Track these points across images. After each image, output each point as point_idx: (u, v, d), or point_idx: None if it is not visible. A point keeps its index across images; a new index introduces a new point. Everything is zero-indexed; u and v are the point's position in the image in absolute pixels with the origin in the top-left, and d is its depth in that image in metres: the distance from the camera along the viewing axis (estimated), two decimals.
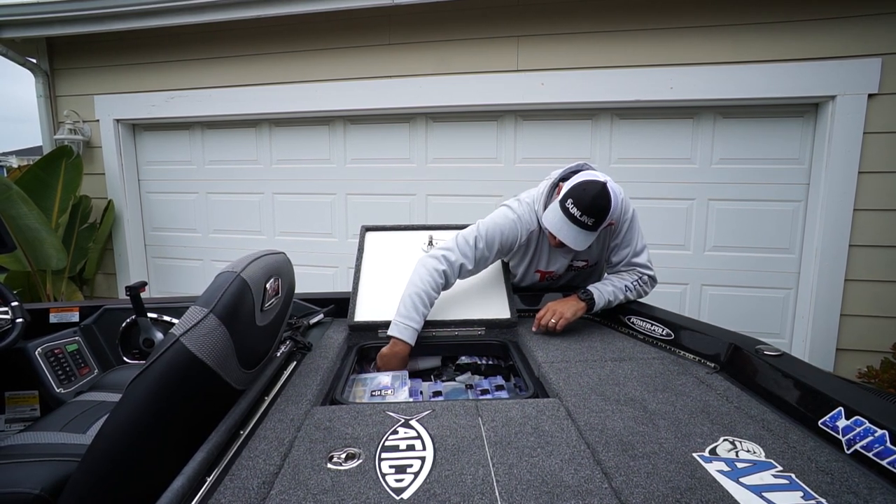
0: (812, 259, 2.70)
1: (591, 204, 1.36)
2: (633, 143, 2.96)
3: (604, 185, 1.38)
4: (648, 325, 1.47)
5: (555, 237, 1.47)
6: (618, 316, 1.60)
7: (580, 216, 1.37)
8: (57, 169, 3.25)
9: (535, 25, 2.87)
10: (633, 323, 1.53)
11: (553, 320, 1.48)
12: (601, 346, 1.42)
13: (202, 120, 3.50)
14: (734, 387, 1.14)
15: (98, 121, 3.55)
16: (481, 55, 2.96)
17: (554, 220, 1.43)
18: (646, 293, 1.63)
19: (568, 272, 1.75)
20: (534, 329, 1.53)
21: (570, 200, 1.39)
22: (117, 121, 3.55)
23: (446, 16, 2.94)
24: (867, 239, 2.58)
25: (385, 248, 1.83)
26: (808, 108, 2.70)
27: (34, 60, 3.53)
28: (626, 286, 1.57)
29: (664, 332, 1.42)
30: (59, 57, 3.56)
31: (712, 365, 1.27)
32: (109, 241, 3.68)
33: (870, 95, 2.48)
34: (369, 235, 1.88)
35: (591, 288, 1.55)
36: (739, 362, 1.20)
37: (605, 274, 1.69)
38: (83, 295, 3.58)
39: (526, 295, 1.78)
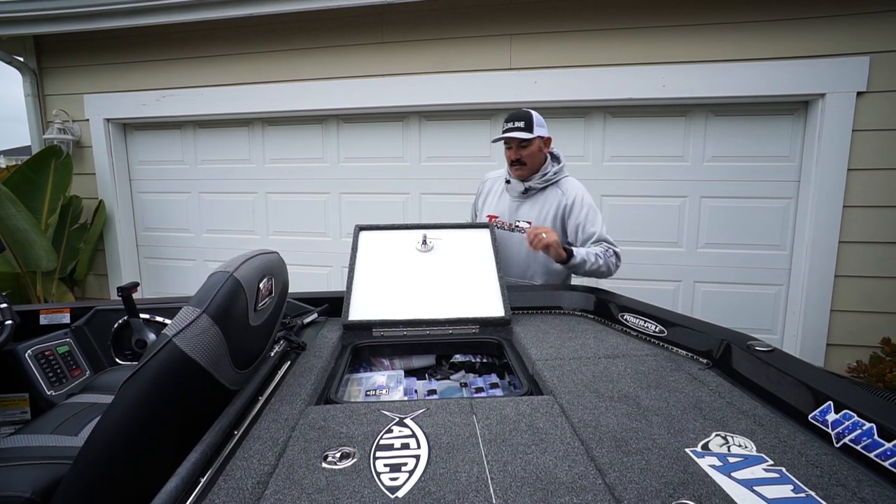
0: (803, 255, 2.73)
1: (514, 114, 1.92)
2: (625, 141, 2.97)
3: (521, 108, 1.97)
4: (641, 322, 1.48)
5: (510, 150, 1.94)
6: (611, 313, 1.61)
7: (509, 123, 1.91)
8: (46, 169, 3.21)
9: (527, 24, 2.87)
10: (626, 320, 1.54)
11: (544, 235, 1.71)
12: (595, 344, 1.42)
13: (194, 119, 3.48)
14: (726, 382, 1.15)
15: (88, 120, 3.51)
16: (474, 54, 2.96)
17: (499, 141, 1.97)
18: (615, 266, 1.90)
19: (515, 231, 2.00)
20: (528, 241, 1.76)
21: (502, 126, 1.95)
22: (108, 120, 3.51)
23: (439, 14, 2.93)
24: (857, 235, 2.61)
25: (379, 248, 1.82)
26: (798, 106, 2.73)
27: (21, 59, 3.48)
28: (596, 254, 1.85)
29: (657, 329, 1.43)
30: (47, 55, 3.52)
31: (705, 361, 1.28)
32: (101, 242, 3.64)
33: (858, 93, 2.51)
34: (363, 235, 1.87)
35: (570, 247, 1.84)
36: (731, 358, 1.21)
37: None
38: (74, 296, 3.55)
39: (521, 294, 1.78)
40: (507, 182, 2.05)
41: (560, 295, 1.78)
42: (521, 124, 1.88)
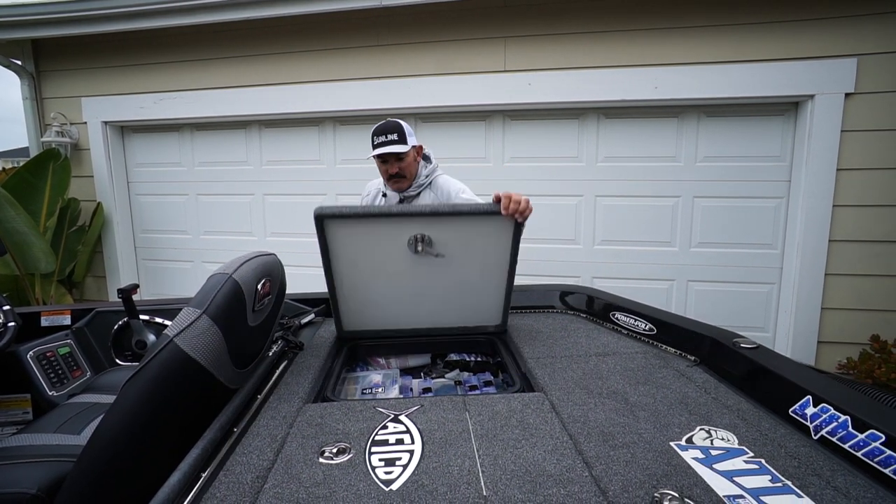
0: (794, 254, 2.76)
1: (384, 127, 1.80)
2: (619, 142, 3.00)
3: (387, 119, 1.83)
4: (632, 321, 1.51)
5: (384, 168, 1.87)
6: (603, 312, 1.64)
7: (381, 137, 1.79)
8: (44, 172, 3.23)
9: (521, 26, 2.90)
10: (617, 318, 1.57)
11: (522, 207, 1.32)
12: (586, 342, 1.46)
13: (191, 121, 3.49)
14: (713, 379, 1.18)
15: (86, 123, 3.52)
16: (469, 56, 2.98)
17: (372, 152, 1.84)
18: None
19: None
20: (509, 213, 1.32)
21: (372, 140, 1.83)
22: (105, 123, 3.53)
23: (434, 17, 2.96)
24: (846, 234, 2.65)
25: (357, 245, 1.42)
26: (788, 107, 2.77)
27: (19, 62, 3.50)
28: None
29: (647, 327, 1.46)
30: (44, 58, 3.53)
31: (692, 358, 1.32)
32: (99, 244, 3.66)
33: (846, 95, 2.54)
34: (330, 227, 1.37)
35: None
36: (718, 355, 1.24)
37: None
38: (73, 298, 3.56)
39: (515, 294, 1.80)
40: (384, 195, 2.00)
41: (553, 294, 1.82)
42: (395, 136, 1.79)
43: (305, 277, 3.47)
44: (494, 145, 3.15)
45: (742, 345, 1.19)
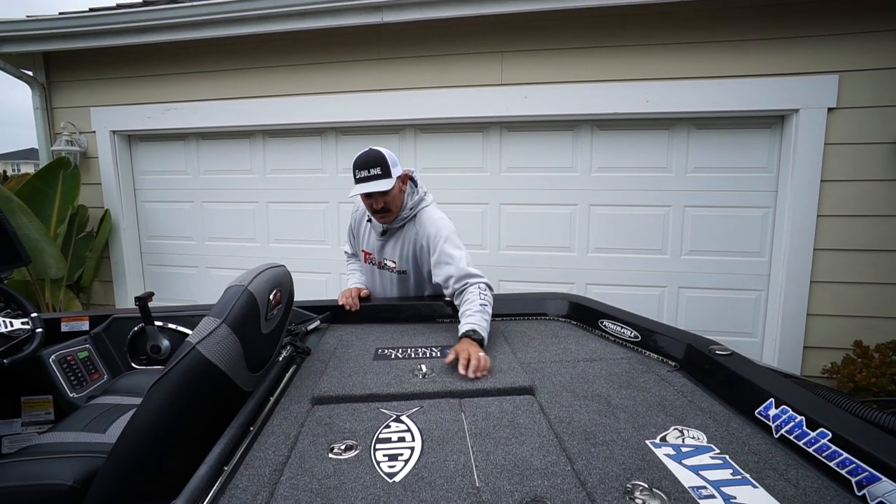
0: (780, 262, 2.87)
1: (366, 160, 1.69)
2: (612, 153, 3.11)
3: (370, 148, 1.74)
4: (618, 328, 1.61)
5: (368, 202, 1.77)
6: (592, 319, 1.73)
7: (364, 171, 1.69)
8: (55, 180, 3.32)
9: (517, 41, 3.01)
10: (604, 326, 1.66)
11: (480, 370, 1.30)
12: (575, 348, 1.55)
13: (197, 131, 3.60)
14: (690, 383, 1.28)
15: (94, 132, 3.63)
16: (467, 69, 3.09)
17: (353, 189, 1.73)
18: (492, 300, 1.63)
19: (384, 269, 1.96)
20: (466, 374, 1.29)
21: (353, 172, 1.72)
22: (114, 132, 3.63)
23: (433, 32, 3.07)
24: (830, 243, 2.75)
25: None
26: (774, 121, 2.87)
27: (31, 73, 3.60)
28: (481, 305, 1.55)
29: (632, 335, 1.56)
30: (55, 70, 3.64)
31: (673, 364, 1.41)
32: (106, 250, 3.75)
33: (829, 109, 2.65)
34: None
35: (467, 327, 1.47)
36: (695, 361, 1.34)
37: (457, 302, 1.65)
38: (80, 302, 3.65)
39: (509, 301, 1.90)
40: (369, 220, 1.93)
41: (545, 302, 1.91)
42: (378, 171, 1.66)
43: (307, 283, 3.57)
44: (492, 156, 3.26)
45: (717, 351, 1.28)
